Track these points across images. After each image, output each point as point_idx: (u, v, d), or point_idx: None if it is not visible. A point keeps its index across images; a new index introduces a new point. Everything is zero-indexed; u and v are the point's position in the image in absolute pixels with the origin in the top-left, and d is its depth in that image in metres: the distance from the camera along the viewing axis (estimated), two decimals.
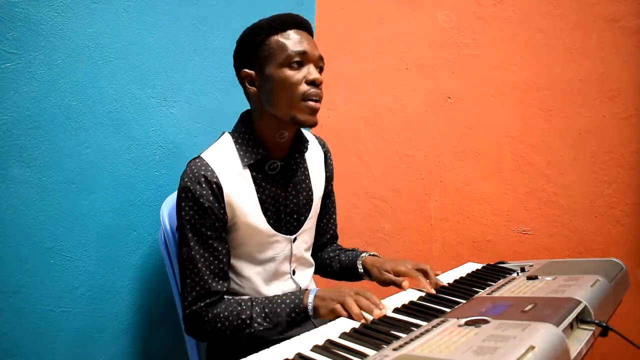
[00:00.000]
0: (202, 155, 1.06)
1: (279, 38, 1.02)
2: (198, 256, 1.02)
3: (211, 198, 1.01)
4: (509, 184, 1.61)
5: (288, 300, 0.99)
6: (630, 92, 1.40)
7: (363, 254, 1.22)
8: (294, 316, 0.98)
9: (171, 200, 1.26)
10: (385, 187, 1.87)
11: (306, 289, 1.01)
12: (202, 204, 1.00)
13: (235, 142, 1.09)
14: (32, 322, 1.07)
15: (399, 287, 1.05)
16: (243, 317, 1.00)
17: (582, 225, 1.49)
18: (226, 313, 1.01)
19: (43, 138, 1.08)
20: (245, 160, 1.06)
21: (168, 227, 1.19)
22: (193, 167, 1.03)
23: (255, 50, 1.05)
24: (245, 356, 0.72)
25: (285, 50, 1.01)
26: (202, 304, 1.02)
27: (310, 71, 1.02)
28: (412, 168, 1.80)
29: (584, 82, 1.47)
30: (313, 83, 1.02)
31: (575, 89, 1.48)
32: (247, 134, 1.09)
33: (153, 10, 1.32)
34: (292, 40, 1.02)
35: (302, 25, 1.06)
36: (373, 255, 1.22)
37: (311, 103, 1.02)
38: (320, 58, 1.06)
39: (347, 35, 1.93)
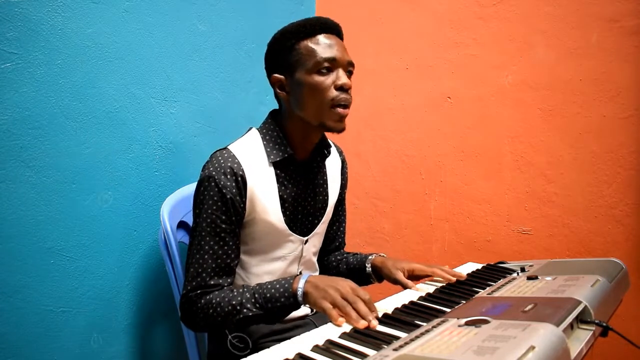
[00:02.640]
0: (229, 147, 1.06)
1: (308, 43, 1.02)
2: (207, 247, 1.01)
3: (234, 190, 1.01)
4: (509, 184, 1.61)
5: (278, 285, 0.98)
6: (630, 92, 1.40)
7: (372, 255, 1.22)
8: (283, 301, 0.96)
9: (171, 200, 1.26)
10: (385, 187, 1.87)
11: (296, 275, 0.99)
12: (224, 195, 1.00)
13: (263, 139, 1.09)
14: (32, 322, 1.07)
15: (404, 287, 1.07)
16: (234, 302, 0.98)
17: (582, 225, 1.49)
18: (218, 299, 1.00)
19: (43, 138, 1.08)
20: (272, 157, 1.07)
21: (168, 227, 1.19)
22: (220, 157, 1.03)
23: (284, 56, 1.05)
24: (245, 356, 0.72)
25: (314, 56, 1.01)
26: (199, 292, 1.02)
27: (339, 76, 1.02)
28: (412, 168, 1.80)
29: (584, 82, 1.47)
30: (342, 88, 1.02)
31: (575, 89, 1.48)
32: (275, 132, 1.09)
33: (153, 10, 1.32)
34: (321, 45, 1.02)
35: (332, 29, 1.06)
36: (382, 256, 1.22)
37: (339, 110, 1.02)
38: (350, 63, 1.05)
39: (347, 35, 1.93)
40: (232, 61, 1.59)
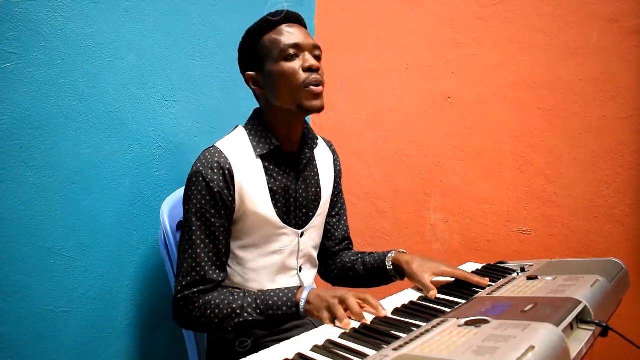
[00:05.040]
0: (216, 145, 1.08)
1: (272, 35, 1.07)
2: (199, 242, 1.03)
3: (222, 184, 1.03)
4: (509, 184, 1.61)
5: (281, 294, 0.99)
6: (630, 92, 1.40)
7: (391, 253, 1.16)
8: (285, 310, 0.97)
9: (171, 200, 1.26)
10: (385, 187, 1.87)
11: (301, 286, 1.01)
12: (212, 189, 1.02)
13: (249, 134, 1.12)
14: (32, 322, 1.07)
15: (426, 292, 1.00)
16: (234, 306, 0.99)
17: (582, 225, 1.49)
18: (217, 301, 1.01)
19: (43, 138, 1.08)
20: (259, 150, 1.09)
21: (168, 227, 1.19)
22: (207, 154, 1.06)
23: (252, 52, 1.09)
24: (245, 356, 0.73)
25: (278, 45, 1.05)
26: (195, 290, 1.02)
27: (306, 59, 1.05)
28: (412, 168, 1.80)
29: (584, 82, 1.47)
30: (310, 69, 1.05)
31: (575, 89, 1.48)
32: (260, 126, 1.12)
33: (153, 10, 1.32)
34: (284, 34, 1.06)
35: (292, 18, 1.09)
36: (403, 252, 1.16)
37: (312, 88, 1.05)
38: (315, 46, 1.08)
39: (347, 35, 1.93)
40: (232, 61, 1.58)
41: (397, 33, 1.81)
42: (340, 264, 1.29)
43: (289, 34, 1.06)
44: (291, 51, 1.05)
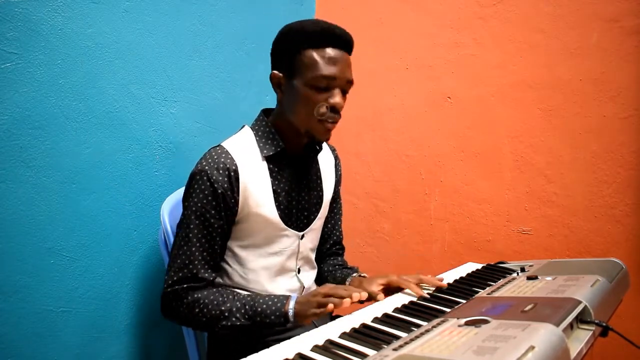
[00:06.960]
0: (222, 144, 1.08)
1: (314, 54, 1.00)
2: (195, 240, 1.03)
3: (226, 185, 1.03)
4: (509, 184, 1.61)
5: (270, 303, 1.00)
6: (630, 92, 1.40)
7: (355, 274, 1.20)
8: (273, 319, 0.99)
9: (171, 200, 1.26)
10: (385, 187, 1.87)
11: (289, 295, 1.02)
12: (216, 190, 1.02)
13: (255, 135, 1.11)
14: (32, 322, 1.07)
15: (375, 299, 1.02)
16: (222, 308, 1.01)
17: (582, 225, 1.49)
18: (206, 300, 1.02)
19: (43, 138, 1.08)
20: (265, 152, 1.09)
21: (168, 227, 1.19)
22: (213, 153, 1.05)
23: (288, 57, 1.04)
24: (245, 356, 0.73)
25: (315, 70, 1.00)
26: (185, 286, 1.03)
27: (334, 95, 1.02)
28: (412, 168, 1.80)
29: (584, 82, 1.47)
30: (333, 108, 1.03)
31: (575, 89, 1.48)
32: (267, 128, 1.11)
33: (153, 10, 1.32)
34: (325, 60, 1.00)
35: (342, 43, 1.03)
36: (363, 276, 1.19)
37: (328, 124, 1.04)
38: (349, 81, 1.04)
39: None
40: (232, 61, 1.59)
41: (397, 33, 1.81)
42: (323, 269, 1.31)
43: (330, 63, 1.00)
44: (324, 83, 1.00)
